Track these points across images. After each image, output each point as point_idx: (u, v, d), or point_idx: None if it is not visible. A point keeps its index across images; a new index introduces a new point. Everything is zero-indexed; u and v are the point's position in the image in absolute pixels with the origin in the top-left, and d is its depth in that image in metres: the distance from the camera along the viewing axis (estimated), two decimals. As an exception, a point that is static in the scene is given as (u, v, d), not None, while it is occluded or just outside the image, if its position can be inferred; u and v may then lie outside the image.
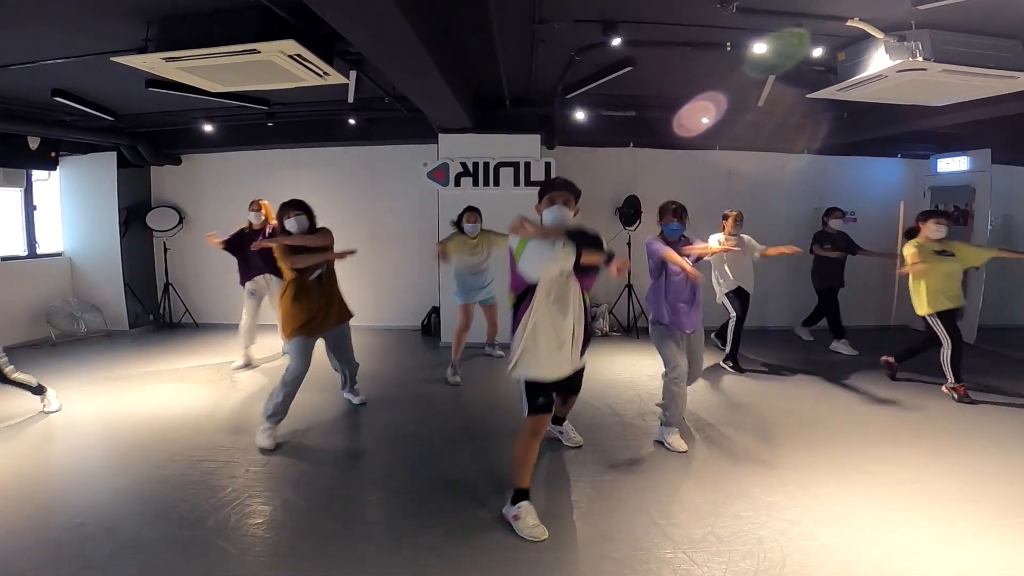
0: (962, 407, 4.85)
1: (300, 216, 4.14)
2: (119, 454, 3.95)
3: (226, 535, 2.92)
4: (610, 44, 4.14)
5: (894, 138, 7.44)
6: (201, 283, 8.24)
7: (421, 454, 3.99)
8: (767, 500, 3.27)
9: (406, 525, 3.08)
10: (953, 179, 7.63)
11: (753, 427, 4.43)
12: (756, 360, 6.39)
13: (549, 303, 2.92)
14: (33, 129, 6.62)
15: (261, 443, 3.98)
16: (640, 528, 3.01)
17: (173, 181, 8.22)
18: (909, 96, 4.66)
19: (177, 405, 4.86)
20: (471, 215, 5.65)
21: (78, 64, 4.51)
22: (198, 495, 3.32)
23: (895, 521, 3.05)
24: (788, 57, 4.27)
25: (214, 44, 3.62)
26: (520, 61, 4.94)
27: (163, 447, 3.99)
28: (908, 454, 3.90)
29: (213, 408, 4.79)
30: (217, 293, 8.11)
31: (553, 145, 7.38)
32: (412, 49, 3.61)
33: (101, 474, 3.72)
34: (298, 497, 3.34)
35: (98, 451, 4.05)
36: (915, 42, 3.73)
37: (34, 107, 6.00)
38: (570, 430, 4.11)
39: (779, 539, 2.88)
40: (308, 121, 7.22)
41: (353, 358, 4.75)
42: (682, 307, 4.10)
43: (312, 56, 3.79)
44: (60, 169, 7.69)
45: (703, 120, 6.55)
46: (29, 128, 6.56)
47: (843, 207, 7.97)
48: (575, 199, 3.16)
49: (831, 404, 5.00)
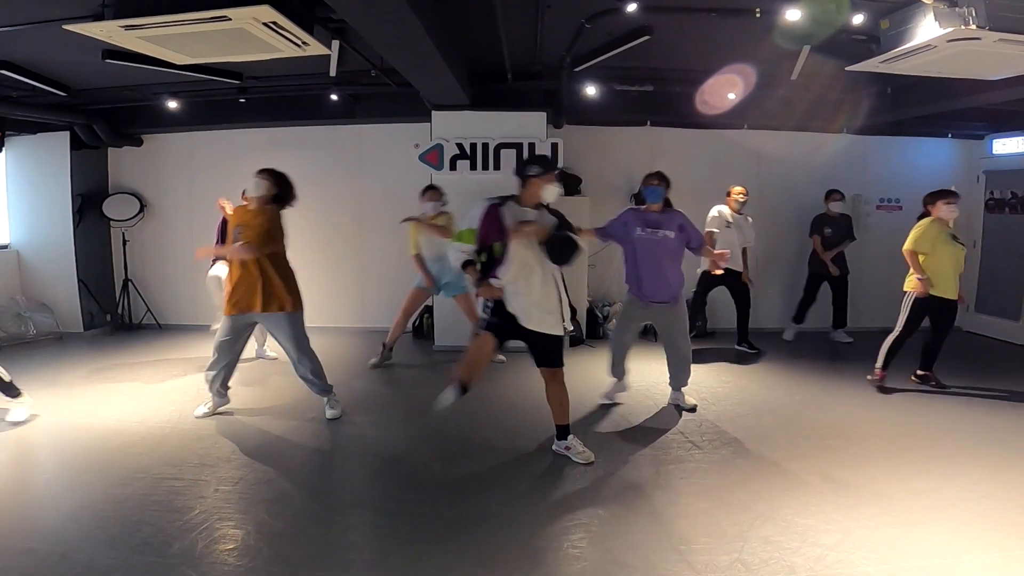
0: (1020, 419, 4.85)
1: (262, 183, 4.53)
2: (73, 471, 3.96)
3: (193, 562, 2.92)
4: (624, 10, 4.14)
5: (944, 116, 7.40)
6: (165, 280, 8.24)
7: (409, 470, 4.00)
8: (801, 523, 3.27)
9: (393, 552, 3.08)
10: (1011, 162, 7.62)
11: (783, 440, 4.44)
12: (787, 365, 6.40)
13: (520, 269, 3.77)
14: (-24, 106, 6.62)
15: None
16: (657, 554, 3.01)
17: (133, 164, 8.21)
18: (961, 69, 4.64)
19: (138, 416, 4.86)
20: (432, 193, 5.98)
21: (26, 33, 4.50)
22: (162, 517, 3.32)
23: (944, 547, 3.05)
24: (825, 25, 4.27)
25: (179, 10, 3.60)
26: (524, 29, 4.93)
27: (123, 463, 3.99)
28: (956, 471, 3.90)
29: (178, 420, 4.79)
30: (183, 291, 8.11)
31: (561, 124, 7.37)
32: (401, 14, 3.60)
33: (54, 493, 3.72)
34: (273, 519, 3.35)
35: (50, 467, 4.06)
36: (968, 8, 3.71)
37: (-23, 81, 6.00)
38: (577, 444, 4.11)
39: (814, 567, 2.88)
40: (285, 97, 7.21)
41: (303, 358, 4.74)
42: (646, 272, 4.73)
43: (289, 24, 3.78)
44: (6, 151, 7.65)
45: (729, 96, 6.54)
46: (-28, 105, 6.56)
47: (886, 194, 8.04)
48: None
49: (869, 413, 5.01)
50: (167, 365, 6.36)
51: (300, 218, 7.49)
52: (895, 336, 5.44)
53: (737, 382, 5.86)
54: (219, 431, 4.57)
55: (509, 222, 3.74)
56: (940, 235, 5.20)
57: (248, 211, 4.59)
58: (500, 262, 3.75)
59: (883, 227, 7.94)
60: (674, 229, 4.70)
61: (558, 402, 4.10)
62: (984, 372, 6.03)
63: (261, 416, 4.88)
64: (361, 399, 5.30)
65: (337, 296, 7.88)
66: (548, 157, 3.82)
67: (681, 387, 5.11)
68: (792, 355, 6.80)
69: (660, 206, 4.76)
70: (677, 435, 4.58)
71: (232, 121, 7.73)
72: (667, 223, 4.71)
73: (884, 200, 8.17)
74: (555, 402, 4.10)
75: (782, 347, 7.15)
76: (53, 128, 7.61)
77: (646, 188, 4.76)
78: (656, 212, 4.74)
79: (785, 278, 7.86)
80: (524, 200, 3.85)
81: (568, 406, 4.13)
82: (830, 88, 6.59)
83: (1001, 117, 7.40)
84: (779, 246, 7.92)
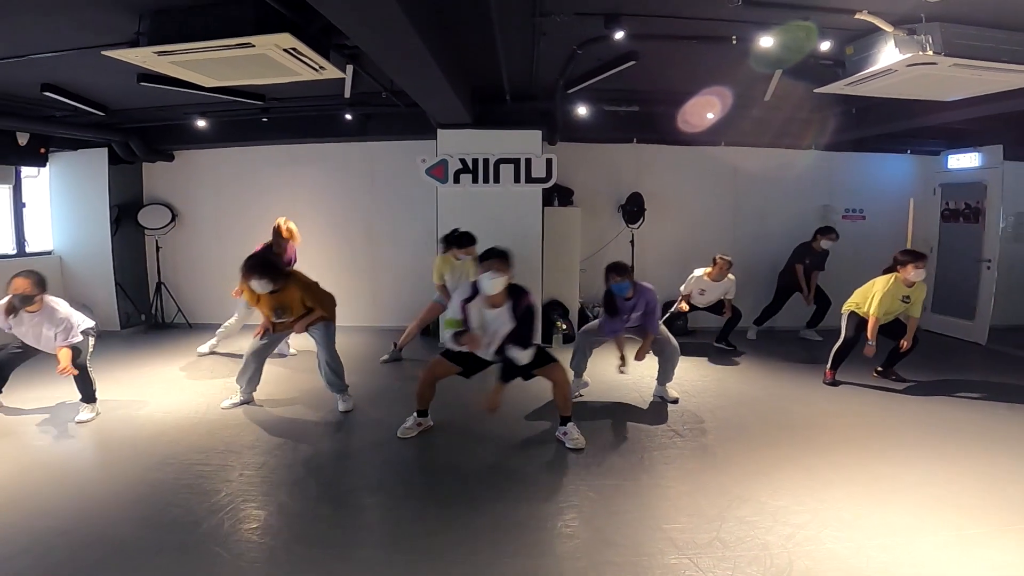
0: (975, 410, 4.87)
1: (262, 281, 4.43)
2: (111, 458, 3.96)
3: (220, 540, 2.92)
4: (613, 37, 4.14)
5: (903, 134, 7.43)
6: (194, 282, 8.23)
7: (417, 457, 4.00)
8: (773, 504, 3.28)
9: (403, 529, 3.09)
10: (964, 176, 7.61)
11: (758, 429, 4.44)
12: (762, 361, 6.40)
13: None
14: (22, 125, 6.59)
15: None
16: (643, 533, 3.01)
17: (165, 178, 8.20)
18: (919, 91, 4.65)
19: (170, 407, 4.86)
20: (471, 250, 5.93)
21: (68, 58, 4.49)
22: (191, 499, 3.32)
23: (904, 526, 3.06)
24: (795, 51, 4.27)
25: (207, 38, 3.61)
26: (521, 55, 4.93)
27: (155, 450, 3.99)
28: (915, 457, 3.91)
29: (206, 410, 4.79)
30: (210, 293, 8.09)
31: (555, 141, 7.37)
32: (410, 42, 3.60)
33: (92, 477, 3.72)
34: (293, 501, 3.35)
35: (88, 454, 4.06)
36: (925, 35, 3.72)
37: (23, 102, 5.98)
38: (573, 431, 4.11)
39: (786, 544, 2.89)
40: (304, 116, 7.19)
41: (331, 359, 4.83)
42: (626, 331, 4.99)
43: (307, 50, 3.78)
44: (50, 166, 7.67)
45: (708, 115, 6.55)
46: (18, 123, 6.53)
47: (851, 205, 8.05)
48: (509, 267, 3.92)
49: (835, 406, 5.01)
50: (196, 361, 6.35)
51: (317, 227, 7.58)
52: (840, 344, 5.50)
53: (716, 376, 5.86)
54: (243, 421, 4.56)
55: (473, 319, 3.94)
56: (895, 297, 5.19)
57: (273, 296, 4.56)
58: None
59: (848, 235, 7.91)
60: (642, 307, 4.82)
61: (558, 396, 4.13)
62: (941, 368, 6.03)
63: (282, 407, 4.88)
64: (372, 392, 5.30)
65: (350, 298, 7.80)
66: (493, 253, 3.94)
67: (666, 382, 5.11)
68: (766, 352, 6.79)
69: (632, 291, 4.78)
70: (661, 425, 4.57)
71: (255, 138, 7.71)
72: (638, 304, 4.81)
73: (849, 210, 8.16)
74: (557, 396, 4.14)
75: (757, 345, 7.14)
76: (92, 145, 7.59)
77: (614, 285, 4.76)
78: (630, 298, 4.80)
79: (757, 284, 7.83)
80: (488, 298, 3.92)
81: (568, 399, 4.15)
82: (800, 108, 6.60)
83: (955, 135, 7.40)
84: (753, 254, 7.88)
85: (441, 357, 4.20)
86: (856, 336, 5.43)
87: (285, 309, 4.61)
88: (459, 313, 3.93)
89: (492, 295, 3.86)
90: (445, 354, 4.17)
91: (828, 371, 5.54)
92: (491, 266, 3.84)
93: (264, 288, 4.46)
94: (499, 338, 3.94)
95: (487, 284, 3.83)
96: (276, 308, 4.61)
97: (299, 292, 4.58)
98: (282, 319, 4.67)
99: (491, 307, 3.92)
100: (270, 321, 4.75)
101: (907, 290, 5.18)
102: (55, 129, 6.80)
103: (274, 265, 4.57)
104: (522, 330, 3.89)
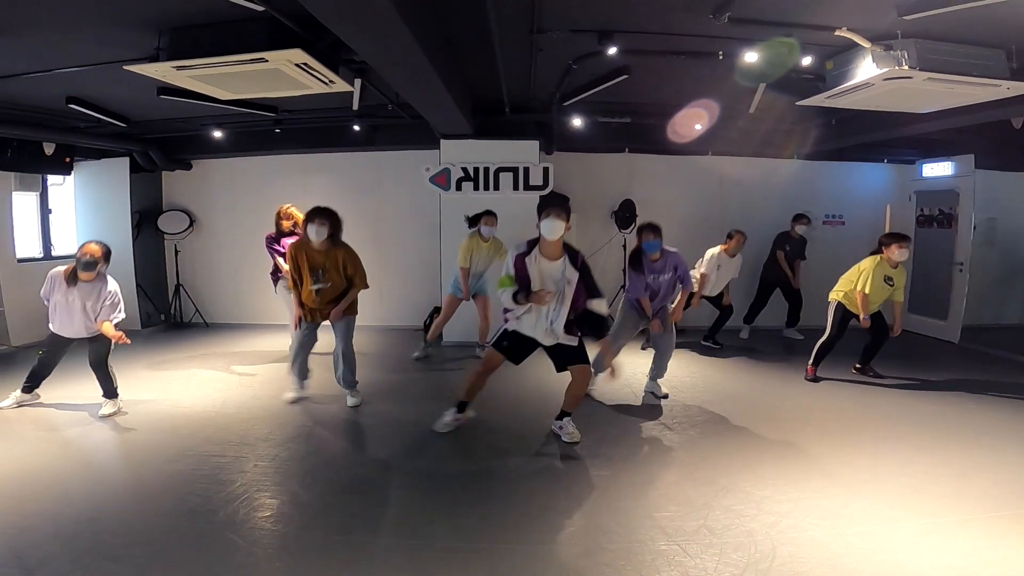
0: (948, 405, 4.87)
1: (322, 227, 4.38)
2: (132, 449, 3.96)
3: (235, 528, 2.92)
4: (606, 53, 4.15)
5: (881, 144, 7.44)
6: (211, 284, 8.23)
7: (419, 450, 4.00)
8: (758, 494, 3.28)
9: (409, 519, 3.09)
10: (938, 183, 7.64)
11: (743, 423, 4.44)
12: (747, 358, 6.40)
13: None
14: (49, 135, 6.61)
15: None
16: (635, 521, 3.01)
17: (183, 185, 8.21)
18: (895, 103, 4.66)
19: (188, 402, 4.86)
20: (490, 219, 5.90)
21: (92, 72, 4.51)
22: (208, 489, 3.32)
23: (881, 515, 3.06)
24: (778, 66, 4.28)
25: (223, 53, 3.62)
26: (519, 69, 4.94)
27: (174, 443, 3.99)
28: (893, 450, 3.91)
29: (222, 405, 4.79)
30: (227, 294, 8.12)
31: (551, 151, 7.37)
32: (415, 58, 3.61)
33: (114, 468, 3.74)
34: (304, 491, 3.34)
35: (111, 446, 4.05)
36: (901, 51, 3.73)
37: (49, 114, 6.00)
38: (568, 425, 4.11)
39: (769, 532, 2.89)
40: (314, 127, 7.20)
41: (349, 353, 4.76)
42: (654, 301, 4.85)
43: (318, 65, 3.79)
44: (75, 174, 7.67)
45: (696, 126, 6.57)
46: (45, 134, 6.55)
47: (831, 211, 8.08)
48: (566, 214, 3.73)
49: (816, 401, 5.01)
50: (213, 358, 6.34)
51: (327, 232, 7.56)
52: (824, 339, 5.47)
53: (703, 373, 5.86)
54: (257, 415, 4.56)
55: (533, 272, 3.72)
56: (880, 277, 5.18)
57: (319, 252, 4.47)
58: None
59: (828, 239, 7.97)
60: (670, 270, 4.78)
61: (572, 394, 4.08)
62: (917, 365, 6.04)
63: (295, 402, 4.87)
64: (379, 388, 5.29)
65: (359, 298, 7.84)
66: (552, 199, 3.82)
67: (658, 378, 5.10)
68: (750, 350, 6.80)
69: (659, 254, 4.75)
70: (652, 419, 4.58)
71: (269, 148, 7.72)
72: (666, 267, 4.78)
73: (829, 216, 8.17)
74: (571, 393, 4.08)
75: (741, 343, 7.15)
76: (115, 154, 7.61)
77: (645, 243, 4.71)
78: (656, 260, 4.76)
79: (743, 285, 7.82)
80: (543, 248, 3.77)
81: (579, 400, 4.11)
82: (783, 120, 6.61)
83: (930, 145, 7.42)
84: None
85: (494, 349, 4.04)
86: (839, 333, 5.41)
87: (326, 271, 4.48)
88: (511, 269, 3.74)
89: (551, 245, 3.72)
90: (496, 345, 4.02)
91: (810, 367, 5.52)
92: (551, 212, 3.68)
93: (319, 235, 4.37)
94: (565, 294, 3.73)
95: (547, 228, 3.68)
96: (317, 269, 4.47)
97: (343, 255, 4.50)
98: (318, 285, 4.48)
99: (549, 260, 3.75)
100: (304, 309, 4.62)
101: (891, 271, 5.19)
102: (80, 139, 6.81)
103: (336, 215, 4.50)
104: (589, 281, 3.79)
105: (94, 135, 6.78)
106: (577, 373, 3.97)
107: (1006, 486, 3.38)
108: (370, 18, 2.96)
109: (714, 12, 3.53)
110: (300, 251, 4.49)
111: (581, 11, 3.79)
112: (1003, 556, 2.68)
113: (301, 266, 4.50)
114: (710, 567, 2.60)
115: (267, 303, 7.33)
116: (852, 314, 5.31)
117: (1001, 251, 7.62)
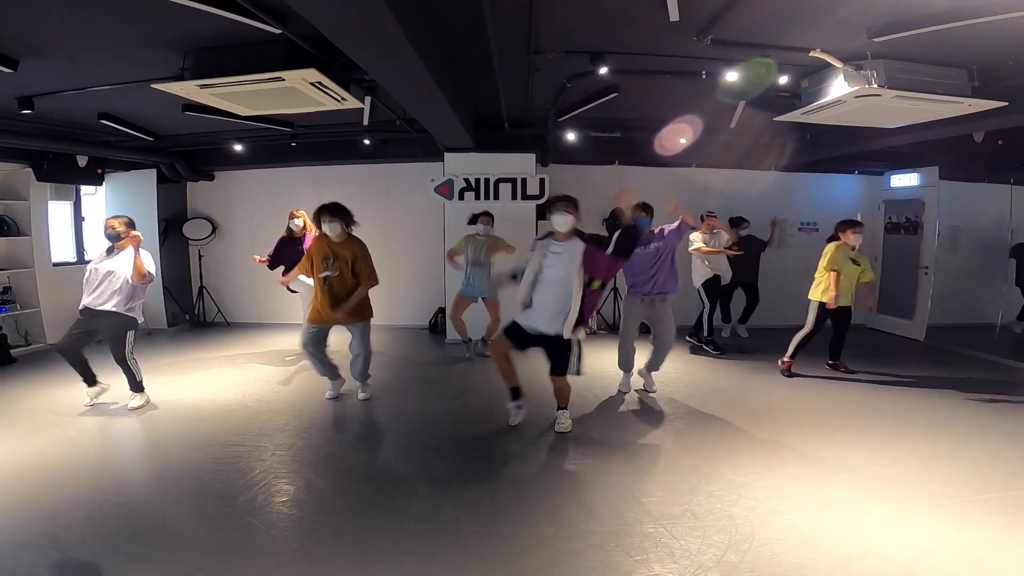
0: (914, 398, 4.87)
1: (334, 222, 4.38)
2: (157, 439, 3.96)
3: (254, 512, 2.92)
4: (598, 73, 4.15)
5: (852, 156, 7.44)
6: (232, 286, 8.23)
7: (426, 439, 4.00)
8: (738, 481, 3.28)
9: (413, 502, 3.08)
10: (905, 193, 7.65)
11: (724, 414, 4.43)
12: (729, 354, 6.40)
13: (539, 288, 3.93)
14: (82, 148, 6.61)
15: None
16: (624, 505, 3.01)
17: (207, 195, 8.21)
18: (865, 119, 4.67)
19: (210, 395, 4.85)
20: (486, 218, 5.97)
21: (122, 90, 4.51)
22: (229, 476, 3.32)
23: (853, 500, 3.06)
24: (757, 84, 4.29)
25: (244, 72, 3.62)
26: (517, 87, 4.95)
27: (198, 433, 3.99)
28: (862, 440, 3.91)
29: (242, 398, 4.78)
30: (246, 295, 8.11)
31: (547, 163, 7.37)
32: (421, 78, 3.62)
33: (141, 457, 3.74)
34: (319, 478, 3.34)
35: (138, 437, 4.05)
36: (871, 71, 3.74)
37: (83, 129, 6.00)
38: (562, 416, 4.10)
39: (749, 516, 2.89)
40: (328, 141, 7.20)
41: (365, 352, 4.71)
42: (641, 276, 4.78)
43: (331, 83, 3.79)
44: (106, 184, 7.68)
45: (681, 140, 6.56)
46: (78, 148, 6.55)
47: (806, 219, 8.13)
48: (574, 207, 3.91)
49: (792, 394, 5.01)
50: (234, 355, 6.34)
51: (340, 238, 7.55)
52: (804, 334, 5.45)
53: (688, 369, 5.85)
54: (275, 408, 4.55)
55: (538, 253, 3.93)
56: (844, 257, 5.22)
57: (333, 243, 4.46)
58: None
59: (804, 245, 7.94)
60: (660, 239, 4.79)
61: (557, 396, 4.11)
62: (885, 361, 6.04)
63: (309, 396, 4.87)
64: (388, 383, 5.28)
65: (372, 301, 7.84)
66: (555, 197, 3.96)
67: (652, 371, 5.05)
68: (732, 347, 6.79)
69: (650, 229, 4.81)
70: (640, 410, 4.58)
71: (285, 161, 7.71)
72: (655, 237, 4.80)
73: (804, 224, 8.18)
74: (556, 393, 4.11)
75: (724, 341, 7.13)
76: (143, 166, 7.61)
77: (637, 219, 4.66)
78: (648, 233, 4.80)
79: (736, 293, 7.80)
80: (556, 237, 3.93)
81: (566, 398, 4.12)
82: (761, 134, 6.61)
83: (897, 157, 7.42)
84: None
85: (501, 334, 4.09)
86: (817, 328, 5.40)
87: (336, 259, 4.41)
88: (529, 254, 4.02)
89: (562, 234, 3.89)
90: (504, 330, 4.06)
91: (787, 361, 5.50)
92: (559, 207, 3.86)
93: (334, 230, 4.38)
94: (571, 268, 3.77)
95: (558, 221, 3.87)
96: (328, 257, 4.41)
97: (354, 250, 4.46)
98: (326, 272, 4.40)
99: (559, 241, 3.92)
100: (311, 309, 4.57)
101: (852, 253, 5.25)
102: (111, 152, 6.81)
103: (340, 206, 4.47)
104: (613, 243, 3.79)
105: (124, 148, 6.78)
106: (554, 382, 4.02)
107: (967, 473, 3.38)
108: (380, 41, 2.96)
109: (697, 34, 3.53)
110: (320, 242, 4.51)
111: (575, 34, 3.80)
112: (964, 539, 2.68)
113: (316, 256, 4.49)
114: (693, 548, 2.61)
115: (284, 303, 7.34)
116: (828, 313, 5.31)
117: (963, 256, 7.61)
